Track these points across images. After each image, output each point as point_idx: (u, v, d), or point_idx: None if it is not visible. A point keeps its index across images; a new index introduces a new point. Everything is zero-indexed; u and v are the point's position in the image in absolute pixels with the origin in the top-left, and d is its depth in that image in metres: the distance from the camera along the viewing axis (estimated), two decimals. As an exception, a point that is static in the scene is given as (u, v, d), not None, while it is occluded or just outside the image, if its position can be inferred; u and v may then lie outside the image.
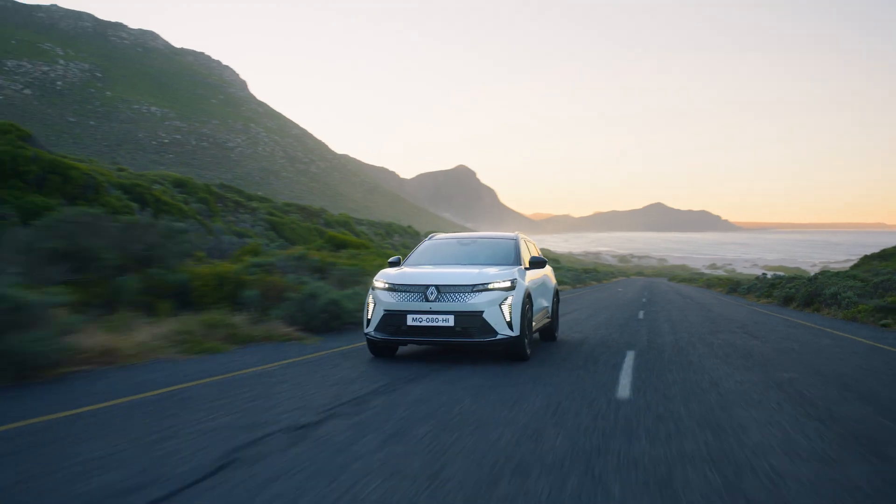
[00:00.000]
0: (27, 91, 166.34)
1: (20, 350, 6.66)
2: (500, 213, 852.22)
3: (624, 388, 6.88)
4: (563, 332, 13.16)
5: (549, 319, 10.99)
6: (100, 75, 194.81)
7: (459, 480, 3.81)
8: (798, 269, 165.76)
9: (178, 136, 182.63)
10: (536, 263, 9.65)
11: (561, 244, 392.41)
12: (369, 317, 8.65)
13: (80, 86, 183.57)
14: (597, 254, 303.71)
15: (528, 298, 8.77)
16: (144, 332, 9.25)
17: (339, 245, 25.63)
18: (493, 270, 8.63)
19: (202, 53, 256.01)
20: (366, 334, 8.74)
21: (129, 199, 24.32)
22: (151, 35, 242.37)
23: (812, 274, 39.42)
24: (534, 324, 9.38)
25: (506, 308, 8.15)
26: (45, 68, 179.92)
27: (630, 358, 9.29)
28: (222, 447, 4.42)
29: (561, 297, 28.24)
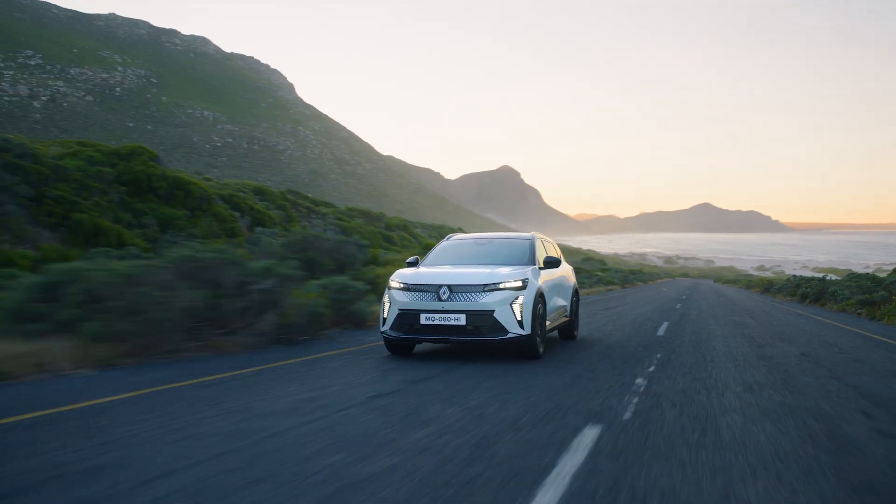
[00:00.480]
0: (89, 98, 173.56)
1: (357, 312, 13.83)
2: (545, 213, 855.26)
3: (661, 332, 14.03)
4: (621, 313, 20.10)
5: (566, 318, 11.63)
6: (155, 81, 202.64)
7: (596, 349, 10.87)
8: (849, 270, 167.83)
9: (231, 140, 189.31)
10: (550, 263, 10.16)
11: (605, 245, 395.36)
12: (385, 315, 9.19)
13: (136, 91, 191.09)
14: (642, 255, 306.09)
15: (540, 298, 9.20)
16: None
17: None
18: (505, 270, 9.09)
19: (251, 58, 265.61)
20: (382, 332, 9.30)
21: (230, 209, 29.88)
22: (203, 41, 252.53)
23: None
24: (548, 323, 9.91)
25: (517, 307, 8.60)
26: (105, 75, 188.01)
27: (665, 324, 16.32)
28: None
29: (612, 295, 35.54)
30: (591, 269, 57.59)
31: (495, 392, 6.67)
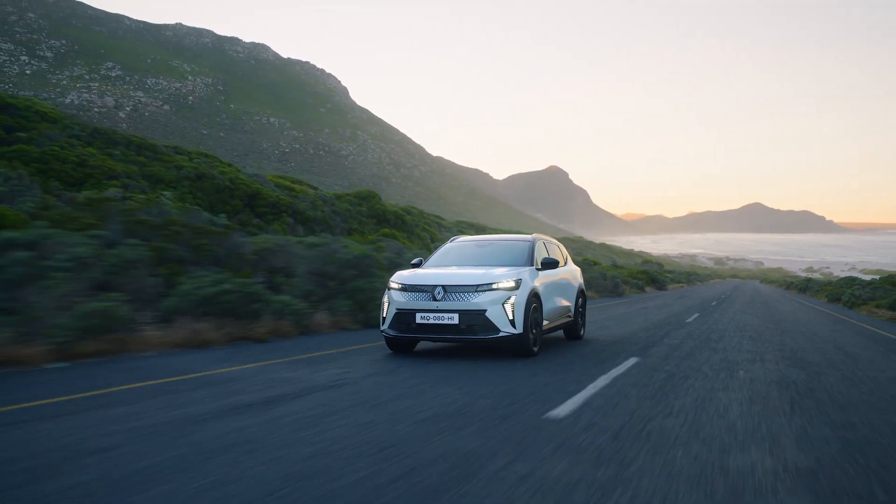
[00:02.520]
0: (166, 107, 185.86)
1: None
2: (593, 214, 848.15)
3: (722, 296, 32.12)
4: (702, 293, 36.70)
5: (570, 318, 12.03)
6: (221, 88, 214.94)
7: (707, 298, 27.64)
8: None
9: (297, 146, 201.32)
10: (548, 264, 10.51)
11: (650, 245, 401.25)
12: (384, 315, 9.75)
13: (207, 99, 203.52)
14: (692, 256, 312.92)
15: (534, 298, 9.66)
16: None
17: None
18: (499, 271, 9.60)
19: (307, 63, 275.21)
20: (381, 331, 9.92)
21: (421, 230, 45.46)
22: (263, 47, 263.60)
23: None
24: (547, 322, 10.43)
25: (508, 307, 9.10)
26: (177, 84, 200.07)
27: (716, 301, 33.86)
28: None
29: (688, 289, 56.74)
30: (660, 270, 73.81)
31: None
